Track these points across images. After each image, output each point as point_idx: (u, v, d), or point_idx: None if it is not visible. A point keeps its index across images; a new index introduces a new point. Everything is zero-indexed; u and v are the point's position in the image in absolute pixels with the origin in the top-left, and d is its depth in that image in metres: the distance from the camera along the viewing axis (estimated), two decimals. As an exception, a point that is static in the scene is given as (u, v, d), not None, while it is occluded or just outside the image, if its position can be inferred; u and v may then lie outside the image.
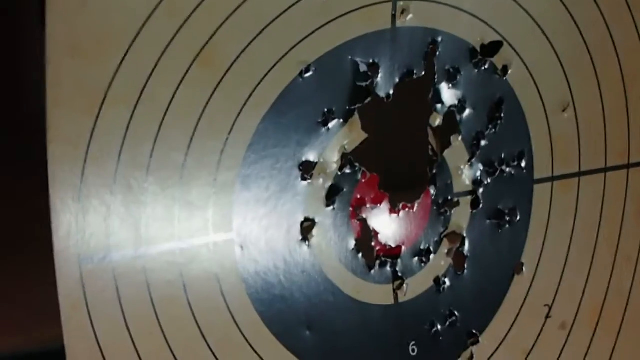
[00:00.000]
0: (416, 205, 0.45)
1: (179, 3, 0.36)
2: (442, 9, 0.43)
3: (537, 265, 0.49)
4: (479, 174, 0.46)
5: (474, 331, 0.47)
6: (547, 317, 0.50)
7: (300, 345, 0.41)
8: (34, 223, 0.35)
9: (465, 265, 0.46)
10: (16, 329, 0.41)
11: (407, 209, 0.44)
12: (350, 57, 0.41)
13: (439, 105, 0.44)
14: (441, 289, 0.46)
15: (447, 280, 0.46)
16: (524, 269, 0.48)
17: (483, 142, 0.46)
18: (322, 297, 0.42)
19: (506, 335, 0.48)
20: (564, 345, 0.51)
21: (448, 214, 0.45)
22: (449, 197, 0.45)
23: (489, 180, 0.46)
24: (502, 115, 0.46)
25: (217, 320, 0.38)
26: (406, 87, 0.42)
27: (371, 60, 0.41)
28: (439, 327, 0.46)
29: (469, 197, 0.46)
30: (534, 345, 0.50)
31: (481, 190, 0.46)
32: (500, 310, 0.48)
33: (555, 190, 0.49)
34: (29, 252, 0.35)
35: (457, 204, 0.46)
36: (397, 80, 0.42)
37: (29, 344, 0.41)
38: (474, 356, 0.47)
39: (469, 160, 0.45)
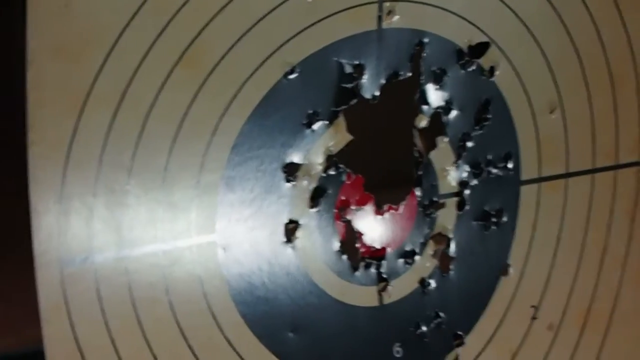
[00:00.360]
0: (401, 206, 0.44)
1: (163, 4, 0.35)
2: (429, 10, 0.42)
3: (524, 266, 0.49)
4: (465, 175, 0.46)
5: (460, 332, 0.47)
6: (533, 318, 0.50)
7: (283, 347, 0.41)
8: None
9: (451, 267, 0.46)
10: (13, 329, 0.41)
11: (392, 211, 0.44)
12: (335, 59, 0.40)
13: (425, 107, 0.44)
14: (426, 290, 0.45)
15: (432, 281, 0.46)
16: (510, 270, 0.48)
17: (469, 144, 0.45)
18: (306, 299, 0.41)
19: (492, 336, 0.48)
20: (551, 346, 0.51)
21: (434, 215, 0.45)
22: (435, 199, 0.45)
23: (475, 182, 0.46)
24: (489, 116, 0.46)
25: (199, 323, 0.38)
26: (392, 89, 0.42)
27: (357, 62, 0.41)
28: (424, 328, 0.46)
29: (455, 199, 0.46)
30: (520, 346, 0.50)
31: (467, 191, 0.46)
32: (486, 312, 0.48)
33: (543, 192, 0.49)
34: (27, 252, 0.35)
35: (443, 205, 0.45)
36: (383, 81, 0.42)
37: (27, 343, 0.41)
38: (460, 357, 0.47)
39: (455, 162, 0.45)
